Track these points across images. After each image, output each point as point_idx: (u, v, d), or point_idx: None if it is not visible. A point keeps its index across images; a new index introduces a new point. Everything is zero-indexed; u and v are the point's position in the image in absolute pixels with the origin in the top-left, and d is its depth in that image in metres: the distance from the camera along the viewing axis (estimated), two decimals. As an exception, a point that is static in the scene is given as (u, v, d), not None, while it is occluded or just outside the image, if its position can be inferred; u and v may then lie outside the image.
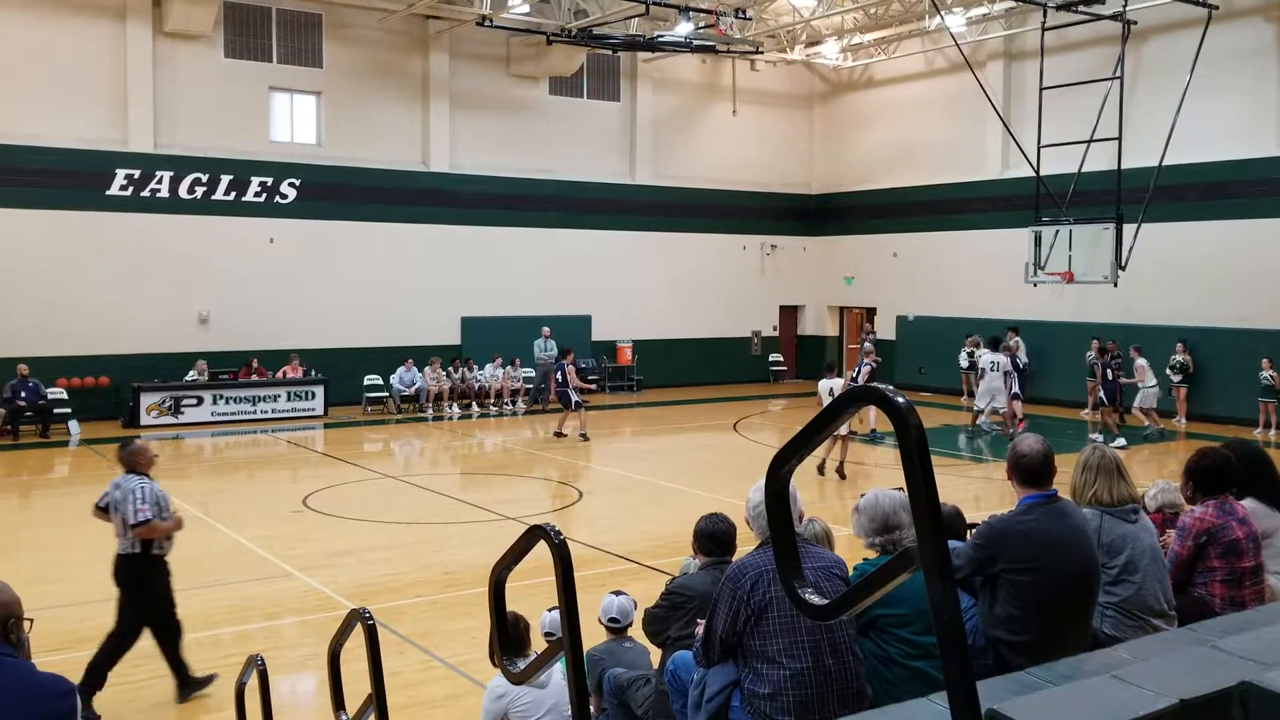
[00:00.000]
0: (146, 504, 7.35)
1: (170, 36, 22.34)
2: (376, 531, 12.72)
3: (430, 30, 25.25)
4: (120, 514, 7.43)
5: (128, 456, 7.72)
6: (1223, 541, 4.89)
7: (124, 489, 7.45)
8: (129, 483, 7.48)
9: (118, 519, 7.47)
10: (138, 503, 7.32)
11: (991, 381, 20.27)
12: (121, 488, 7.48)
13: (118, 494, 7.48)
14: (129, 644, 7.48)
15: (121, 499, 7.41)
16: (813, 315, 32.07)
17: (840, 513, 12.88)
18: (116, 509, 7.47)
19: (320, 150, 24.32)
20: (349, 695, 4.94)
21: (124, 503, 7.38)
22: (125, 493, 7.41)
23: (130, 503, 7.33)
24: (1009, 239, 23.92)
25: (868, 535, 4.40)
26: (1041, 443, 4.49)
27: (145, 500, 7.35)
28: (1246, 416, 20.51)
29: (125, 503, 7.36)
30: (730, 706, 4.05)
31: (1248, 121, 21.70)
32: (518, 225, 26.37)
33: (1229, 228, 21.79)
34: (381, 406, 23.75)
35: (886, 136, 29.62)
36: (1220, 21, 20.86)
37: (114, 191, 21.91)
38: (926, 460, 2.04)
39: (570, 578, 2.76)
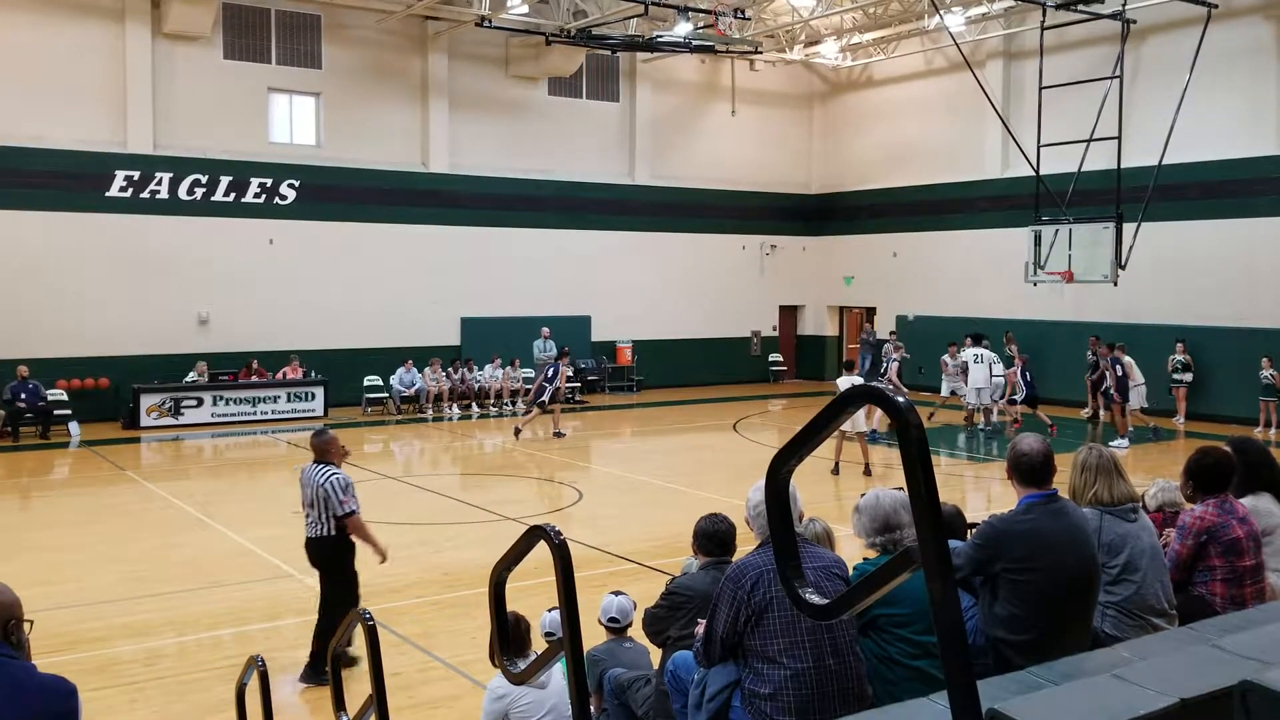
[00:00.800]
0: (349, 496, 7.80)
1: (169, 38, 22.35)
2: (376, 532, 12.68)
3: (429, 31, 25.25)
4: (314, 505, 7.82)
5: (321, 445, 8.05)
6: (1223, 540, 4.89)
7: (315, 481, 7.80)
8: (321, 474, 7.82)
9: (312, 510, 7.85)
10: (339, 494, 7.75)
11: (977, 375, 20.33)
12: (312, 479, 7.84)
13: (308, 487, 7.87)
14: (340, 617, 7.58)
15: (318, 490, 7.78)
16: (812, 315, 32.07)
17: (840, 512, 12.89)
18: (309, 499, 7.87)
19: (319, 151, 24.33)
20: (349, 696, 4.94)
21: (322, 494, 7.76)
22: (321, 484, 7.76)
23: (333, 494, 7.74)
24: (1009, 238, 23.93)
25: (868, 535, 4.39)
26: (1041, 442, 4.49)
27: (347, 493, 7.79)
28: (1247, 416, 20.51)
29: (325, 495, 7.75)
30: (731, 706, 4.05)
31: (1247, 120, 21.70)
32: (517, 226, 26.37)
33: (1228, 227, 21.80)
34: (381, 407, 23.76)
35: (886, 136, 29.63)
36: (1219, 21, 20.87)
37: (113, 193, 21.92)
38: (926, 460, 2.04)
39: (570, 578, 2.76)
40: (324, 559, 7.92)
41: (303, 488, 7.97)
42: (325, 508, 7.79)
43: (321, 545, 7.88)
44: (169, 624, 9.25)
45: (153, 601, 9.86)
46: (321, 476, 7.80)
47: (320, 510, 7.82)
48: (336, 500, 7.75)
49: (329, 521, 7.81)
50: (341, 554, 7.91)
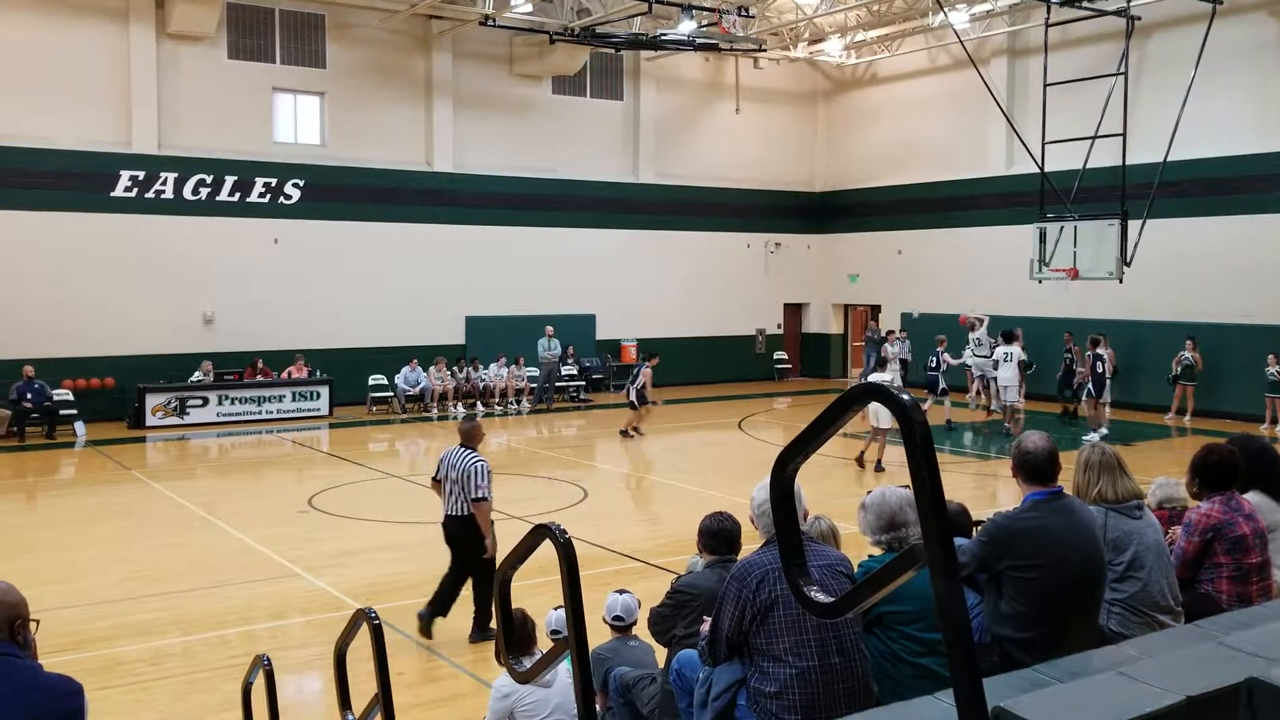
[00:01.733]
0: (485, 483, 8.46)
1: (173, 38, 22.37)
2: (382, 531, 12.74)
3: (433, 30, 25.26)
4: (458, 483, 8.49)
5: (468, 431, 8.78)
6: (1229, 537, 4.88)
7: (463, 463, 8.50)
8: (466, 458, 8.52)
9: (455, 487, 8.50)
10: (479, 478, 8.43)
11: (1005, 373, 20.38)
12: (457, 463, 8.53)
13: (452, 468, 8.55)
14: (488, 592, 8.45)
15: (461, 471, 8.48)
16: (817, 313, 32.04)
17: (844, 510, 12.89)
18: (453, 479, 8.52)
19: (324, 151, 24.35)
20: (355, 695, 4.94)
21: (465, 475, 8.45)
22: (465, 466, 8.47)
23: (474, 477, 8.42)
24: (1013, 236, 23.88)
25: (874, 532, 4.39)
26: (1046, 439, 4.48)
27: (485, 480, 8.47)
28: (1253, 412, 20.47)
29: (468, 476, 8.44)
30: (736, 705, 4.05)
31: (1253, 117, 21.65)
32: (521, 225, 26.38)
33: (1234, 223, 21.75)
34: (386, 406, 23.77)
35: (890, 134, 29.59)
36: (1224, 17, 20.80)
37: (118, 193, 21.95)
38: (932, 457, 2.04)
39: (576, 577, 2.76)
40: (461, 536, 8.55)
41: (446, 468, 8.58)
42: (464, 489, 8.43)
43: (460, 523, 8.52)
44: (174, 623, 9.27)
45: (158, 601, 9.87)
46: (469, 460, 8.49)
47: (462, 490, 8.46)
48: (474, 484, 8.39)
49: (467, 502, 8.45)
50: (473, 529, 8.50)
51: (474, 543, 8.47)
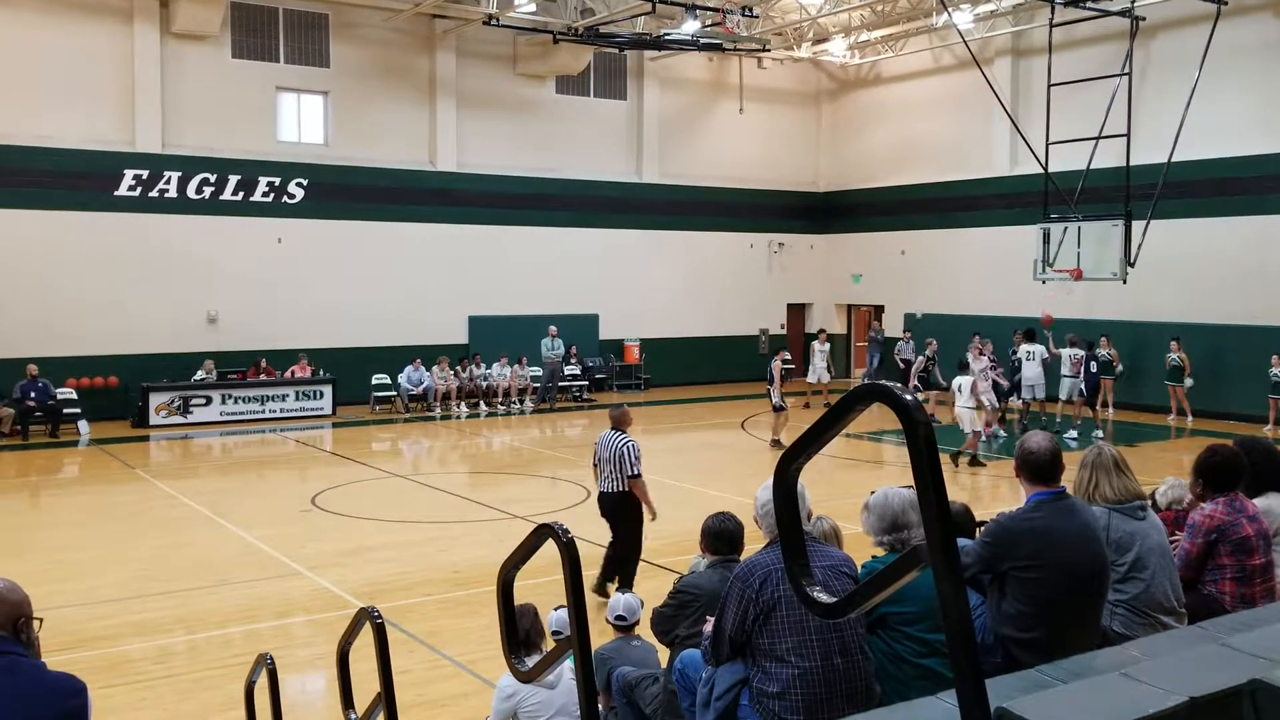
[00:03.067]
0: (638, 461, 9.44)
1: (177, 37, 22.40)
2: (385, 530, 12.75)
3: (437, 29, 25.27)
4: (610, 463, 9.46)
5: (619, 416, 9.82)
6: (1233, 538, 4.87)
7: (615, 445, 9.44)
8: (620, 440, 9.46)
9: (609, 467, 9.47)
10: (633, 458, 9.40)
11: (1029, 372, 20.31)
12: (611, 444, 9.47)
13: (605, 450, 9.51)
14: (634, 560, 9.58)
15: (615, 451, 9.42)
16: (820, 313, 32.02)
17: (848, 510, 12.89)
18: (605, 458, 9.50)
19: (327, 150, 24.37)
20: (358, 694, 4.94)
21: (618, 456, 9.40)
22: (617, 447, 9.42)
23: (628, 457, 9.39)
24: (1017, 236, 23.86)
25: (877, 533, 4.39)
26: (1049, 439, 4.48)
27: (638, 459, 9.44)
28: (1257, 413, 20.45)
29: (621, 457, 9.39)
30: (739, 705, 4.05)
31: (1257, 117, 21.61)
32: (525, 224, 26.39)
33: (1239, 224, 21.72)
34: (389, 406, 23.79)
35: (894, 134, 29.58)
36: (1229, 17, 20.77)
37: (122, 192, 21.98)
38: (935, 458, 2.03)
39: (579, 576, 2.76)
40: (617, 510, 9.55)
41: (600, 449, 9.60)
42: (619, 467, 9.40)
43: (615, 499, 9.52)
44: (178, 622, 9.28)
45: (162, 600, 9.89)
46: (620, 441, 9.45)
47: (615, 469, 9.42)
48: (629, 462, 9.38)
49: (622, 479, 9.42)
50: (630, 505, 9.49)
51: (624, 516, 9.46)
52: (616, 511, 9.57)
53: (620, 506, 9.53)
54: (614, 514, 9.60)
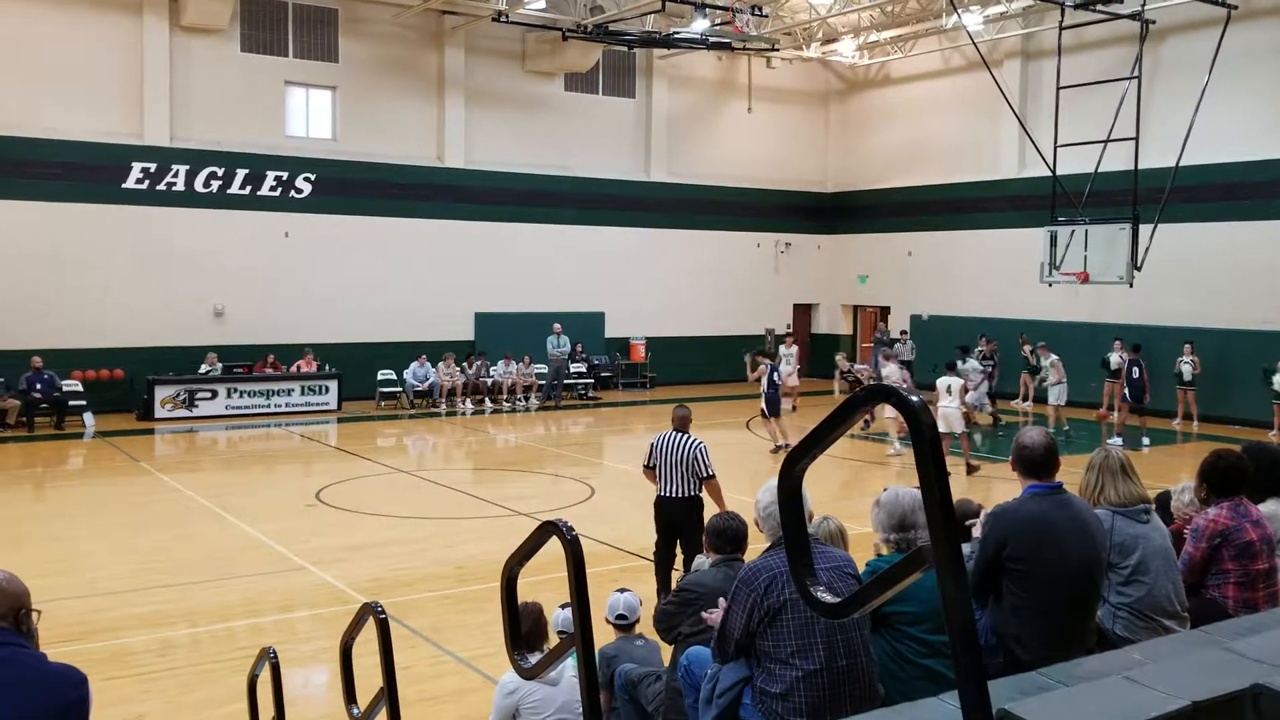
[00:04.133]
0: (710, 462, 9.04)
1: (186, 30, 22.43)
2: (389, 526, 12.76)
3: (446, 25, 25.28)
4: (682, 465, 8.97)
5: (683, 417, 9.39)
6: (1236, 543, 4.87)
7: (684, 447, 9.00)
8: (689, 441, 9.03)
9: (680, 470, 8.97)
10: (705, 458, 9.02)
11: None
12: (679, 445, 9.01)
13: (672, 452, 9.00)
14: None
15: (686, 453, 8.98)
16: (826, 314, 32.02)
17: (853, 512, 12.89)
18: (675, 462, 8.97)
19: (335, 145, 24.39)
20: (360, 689, 4.95)
21: (691, 458, 8.98)
22: (688, 449, 9.00)
23: (700, 458, 8.99)
24: (1024, 239, 23.83)
25: (884, 530, 4.42)
26: (1044, 434, 4.52)
27: (709, 458, 9.04)
28: (1262, 419, 20.39)
29: (695, 458, 8.98)
30: (741, 704, 4.05)
31: (1267, 122, 21.55)
32: (532, 221, 26.40)
33: (1247, 229, 21.66)
34: (395, 401, 23.81)
35: (902, 135, 29.54)
36: (1239, 21, 20.73)
37: (130, 185, 22.02)
38: (940, 460, 2.04)
39: (582, 574, 2.76)
40: (684, 514, 8.98)
41: (661, 451, 9.05)
42: (691, 469, 8.96)
43: (684, 504, 9.02)
44: (182, 615, 9.30)
45: (166, 592, 9.91)
46: (690, 443, 9.01)
47: (685, 471, 8.96)
48: (703, 464, 8.98)
49: (691, 482, 8.99)
50: (700, 509, 8.96)
51: (693, 521, 8.82)
52: (685, 516, 8.99)
53: (690, 511, 9.01)
54: (683, 519, 9.00)
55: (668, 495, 9.06)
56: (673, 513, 9.06)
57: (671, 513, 9.08)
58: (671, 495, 9.03)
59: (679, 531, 9.05)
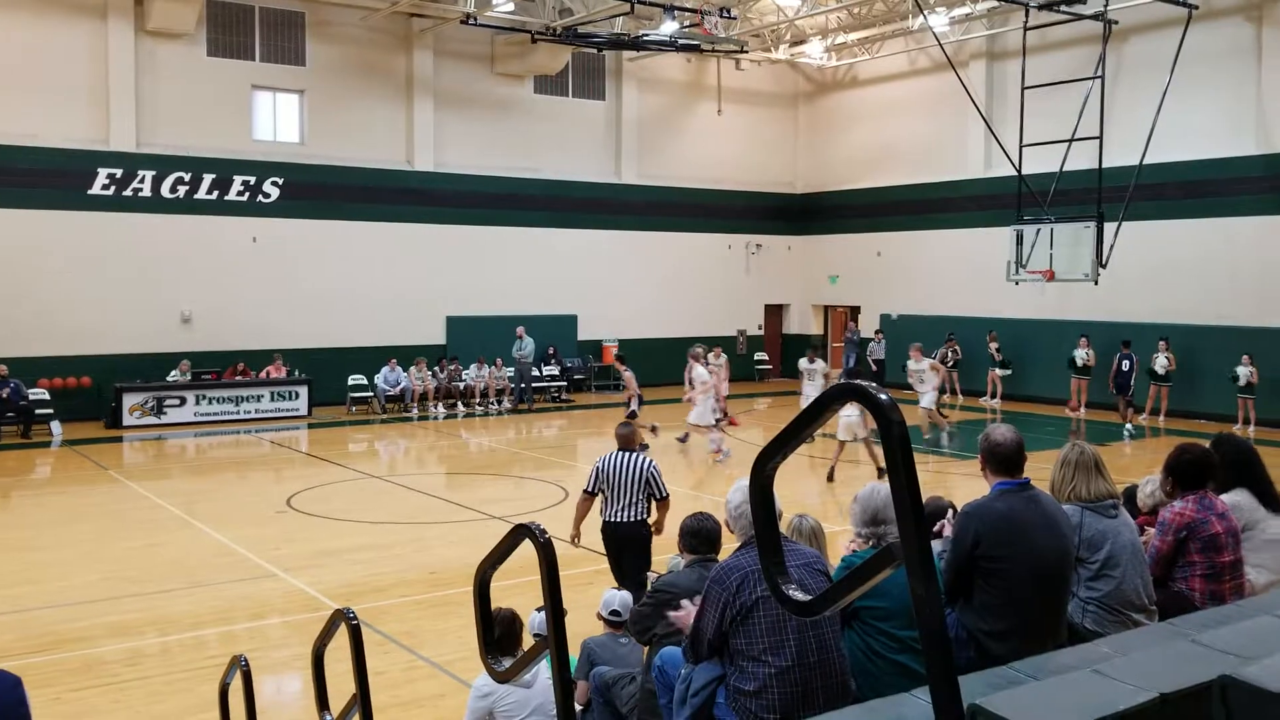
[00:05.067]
0: (663, 481, 8.52)
1: (152, 35, 22.23)
2: (361, 531, 12.69)
3: (414, 28, 25.19)
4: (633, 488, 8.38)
5: (628, 434, 8.77)
6: (1202, 536, 4.93)
7: (636, 467, 8.39)
8: (638, 461, 8.44)
9: (631, 492, 8.37)
10: (660, 478, 8.48)
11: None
12: (630, 466, 8.40)
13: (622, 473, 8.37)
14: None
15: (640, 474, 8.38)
16: (797, 314, 32.15)
17: (829, 511, 12.94)
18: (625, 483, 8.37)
19: (303, 149, 24.25)
20: (333, 695, 4.93)
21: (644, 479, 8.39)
22: (641, 469, 8.40)
23: (656, 478, 8.44)
24: (991, 238, 24.04)
25: (859, 525, 4.46)
26: (1014, 431, 4.56)
27: (661, 477, 8.50)
28: (1226, 413, 20.66)
29: (650, 479, 8.40)
30: (715, 703, 4.07)
31: (1227, 121, 21.85)
32: (503, 224, 26.34)
33: (1209, 226, 21.95)
34: (366, 407, 23.69)
35: (870, 136, 29.72)
36: (1200, 21, 21.00)
37: (96, 191, 21.80)
38: (909, 457, 2.05)
39: (555, 577, 2.76)
40: (633, 540, 8.44)
41: (612, 475, 8.40)
42: (646, 490, 8.41)
43: (632, 528, 8.43)
44: (152, 624, 9.22)
45: (135, 601, 9.82)
46: (643, 462, 8.47)
47: (637, 494, 8.38)
48: (658, 484, 8.45)
49: (645, 504, 8.44)
50: (646, 534, 8.50)
51: (639, 546, 8.43)
52: (634, 542, 8.44)
53: (637, 536, 8.45)
54: (631, 544, 8.44)
55: (617, 520, 8.44)
56: (624, 537, 8.46)
57: (623, 537, 8.47)
58: (621, 519, 8.42)
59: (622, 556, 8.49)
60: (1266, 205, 21.18)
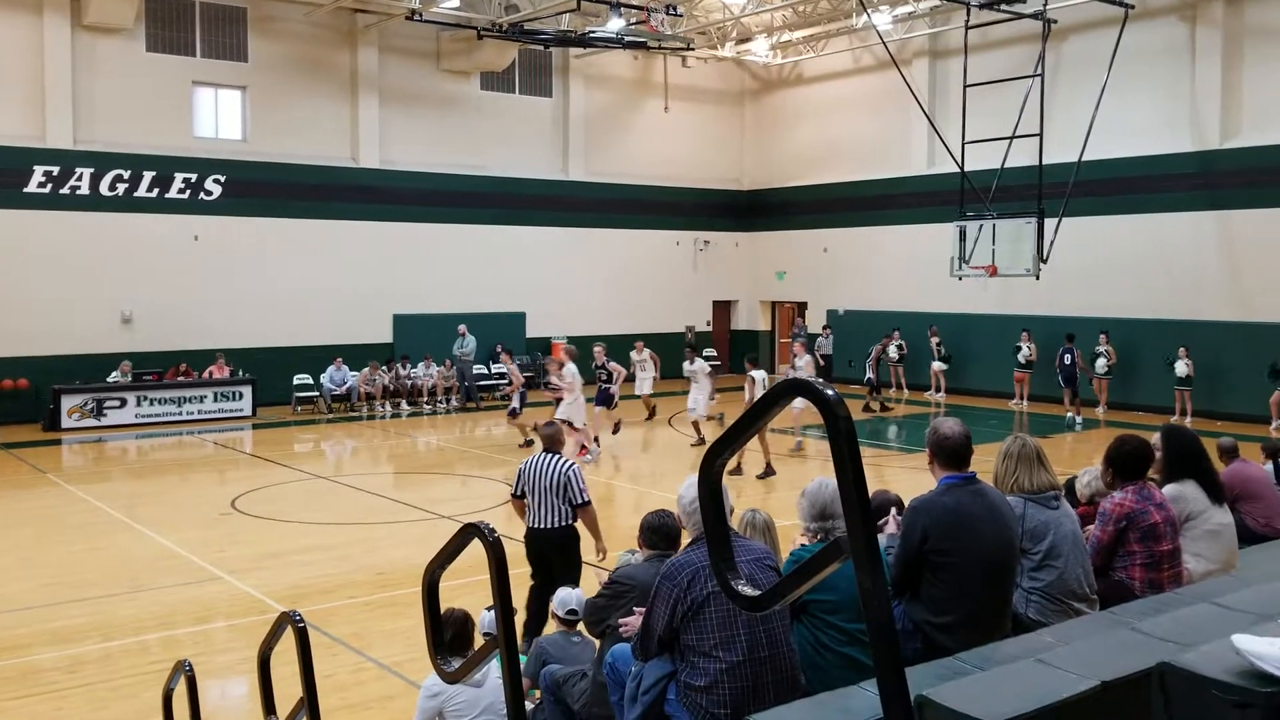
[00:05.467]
0: (585, 485, 8.00)
1: (89, 30, 21.78)
2: (307, 533, 12.56)
3: (358, 24, 24.93)
4: (551, 492, 7.89)
5: (551, 436, 8.30)
6: (1141, 526, 5.03)
7: (554, 470, 7.90)
8: (557, 464, 7.94)
9: (550, 497, 7.88)
10: (580, 483, 7.94)
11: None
12: (548, 469, 7.91)
13: (540, 477, 7.90)
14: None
15: (557, 478, 7.88)
16: (745, 310, 32.30)
17: (780, 506, 13.00)
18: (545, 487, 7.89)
19: (246, 146, 23.90)
20: (280, 699, 4.87)
21: (561, 483, 7.88)
22: (559, 472, 7.89)
23: (574, 482, 7.90)
24: (935, 233, 24.31)
25: (807, 520, 4.48)
26: (961, 425, 4.61)
27: (584, 483, 7.98)
28: (1164, 405, 21.08)
29: (566, 483, 7.88)
30: (666, 700, 4.08)
31: (1162, 118, 22.29)
32: (450, 221, 26.17)
33: (1144, 221, 22.37)
34: (312, 406, 23.43)
35: (815, 133, 29.93)
36: (1136, 21, 21.40)
37: (32, 189, 21.31)
38: (855, 452, 2.07)
39: (505, 576, 2.75)
40: (558, 548, 7.95)
41: (532, 478, 7.95)
42: (563, 496, 7.87)
43: (557, 535, 7.94)
44: (93, 629, 9.05)
45: (75, 607, 9.63)
46: (561, 465, 7.93)
47: (556, 499, 7.88)
48: (576, 489, 7.89)
49: (565, 509, 7.89)
50: (575, 542, 7.99)
51: (567, 555, 7.91)
52: (559, 550, 7.94)
53: (564, 544, 7.95)
54: (556, 553, 7.93)
55: (539, 526, 7.95)
56: (545, 546, 7.95)
57: (544, 546, 7.95)
58: (542, 526, 7.93)
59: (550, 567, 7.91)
60: (1200, 201, 21.64)
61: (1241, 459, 8.04)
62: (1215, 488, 5.61)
